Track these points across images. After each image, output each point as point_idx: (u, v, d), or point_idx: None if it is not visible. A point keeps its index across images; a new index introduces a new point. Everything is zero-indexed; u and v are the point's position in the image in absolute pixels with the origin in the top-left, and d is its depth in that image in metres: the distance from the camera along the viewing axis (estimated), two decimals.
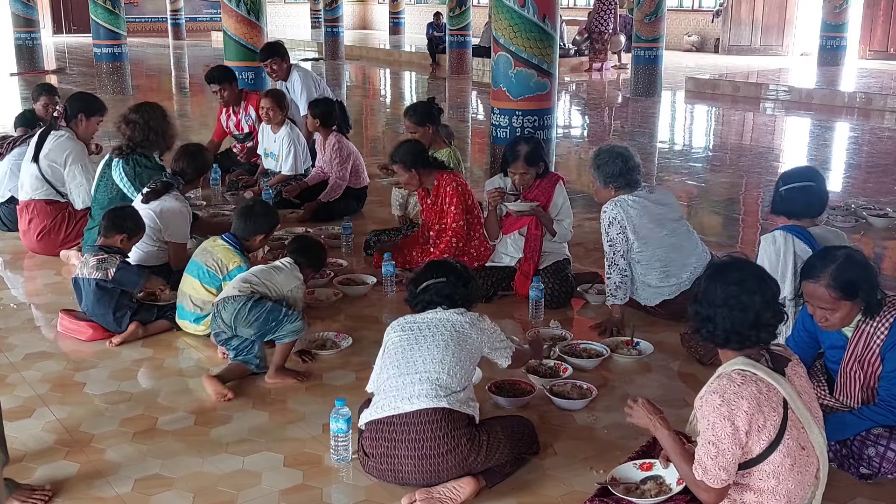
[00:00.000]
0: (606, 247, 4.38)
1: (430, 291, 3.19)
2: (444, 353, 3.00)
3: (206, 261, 4.25)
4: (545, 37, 6.04)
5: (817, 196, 3.75)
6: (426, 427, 2.90)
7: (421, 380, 2.96)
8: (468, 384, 3.07)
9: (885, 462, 2.98)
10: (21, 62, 16.79)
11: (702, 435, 2.41)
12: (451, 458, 2.90)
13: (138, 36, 26.82)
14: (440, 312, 3.15)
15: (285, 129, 6.77)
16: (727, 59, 19.21)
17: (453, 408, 2.93)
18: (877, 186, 7.79)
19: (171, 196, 4.78)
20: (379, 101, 15.09)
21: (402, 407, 2.94)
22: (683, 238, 4.43)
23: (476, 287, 3.37)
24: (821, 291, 2.91)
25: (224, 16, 8.97)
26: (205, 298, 4.23)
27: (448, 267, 3.29)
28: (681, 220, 4.49)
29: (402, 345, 3.07)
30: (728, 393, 2.36)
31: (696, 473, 2.42)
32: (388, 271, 4.90)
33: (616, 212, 4.32)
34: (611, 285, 4.38)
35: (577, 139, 11.02)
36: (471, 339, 3.09)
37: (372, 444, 3.00)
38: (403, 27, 26.12)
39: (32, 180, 5.59)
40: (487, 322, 3.21)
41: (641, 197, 4.35)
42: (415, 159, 5.00)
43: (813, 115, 12.30)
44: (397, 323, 3.18)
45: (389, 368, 3.05)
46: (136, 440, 3.37)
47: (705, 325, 2.51)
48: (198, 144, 5.40)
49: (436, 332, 3.06)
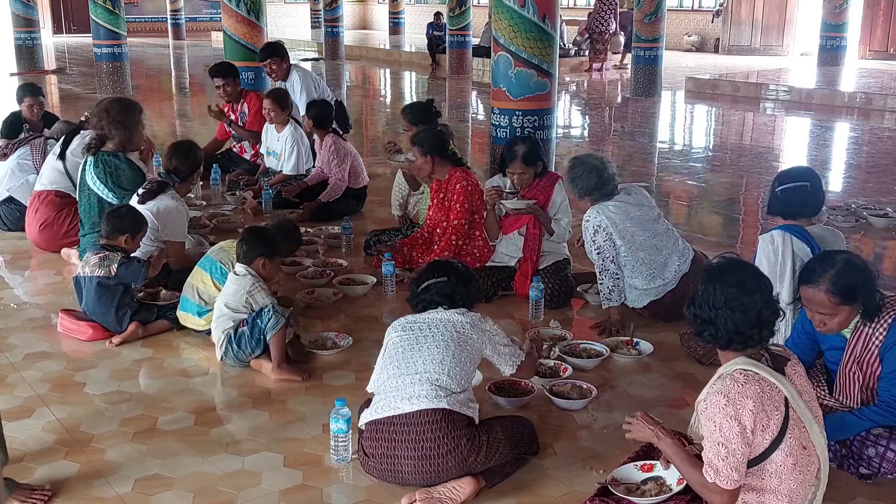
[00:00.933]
0: (595, 255, 4.38)
1: (430, 291, 3.20)
2: (444, 353, 3.00)
3: (222, 258, 4.25)
4: (545, 37, 6.05)
5: (813, 196, 3.75)
6: (426, 427, 2.90)
7: (421, 380, 2.96)
8: (468, 386, 3.07)
9: (884, 462, 2.98)
10: (21, 62, 16.80)
11: (709, 437, 2.40)
12: (451, 459, 2.90)
13: (138, 36, 26.81)
14: (441, 312, 3.15)
15: (289, 128, 6.78)
16: (727, 59, 19.21)
17: (453, 409, 2.93)
18: (877, 186, 7.79)
19: (168, 195, 4.78)
20: (379, 101, 15.09)
21: (401, 407, 2.94)
22: (662, 237, 4.42)
23: (477, 287, 3.37)
24: (820, 297, 2.91)
25: (224, 16, 8.97)
26: (211, 293, 4.22)
27: (449, 267, 3.30)
28: (659, 220, 4.48)
29: (403, 345, 3.07)
30: (732, 393, 2.36)
31: (708, 476, 2.40)
32: (388, 271, 4.90)
33: (599, 219, 4.33)
34: (604, 290, 4.39)
35: (577, 139, 11.02)
36: (471, 340, 3.09)
37: (372, 445, 3.00)
38: (403, 27, 26.11)
39: (54, 173, 5.72)
40: (489, 324, 3.21)
41: (621, 201, 4.36)
42: (433, 146, 5.04)
43: (813, 115, 12.30)
44: (398, 323, 3.19)
45: (389, 368, 3.06)
46: (136, 440, 3.37)
47: (707, 328, 2.51)
48: (189, 141, 5.41)
49: (436, 332, 3.06)
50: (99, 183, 5.07)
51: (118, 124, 5.11)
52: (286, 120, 6.79)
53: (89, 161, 5.12)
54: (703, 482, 2.44)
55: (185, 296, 4.32)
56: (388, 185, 6.49)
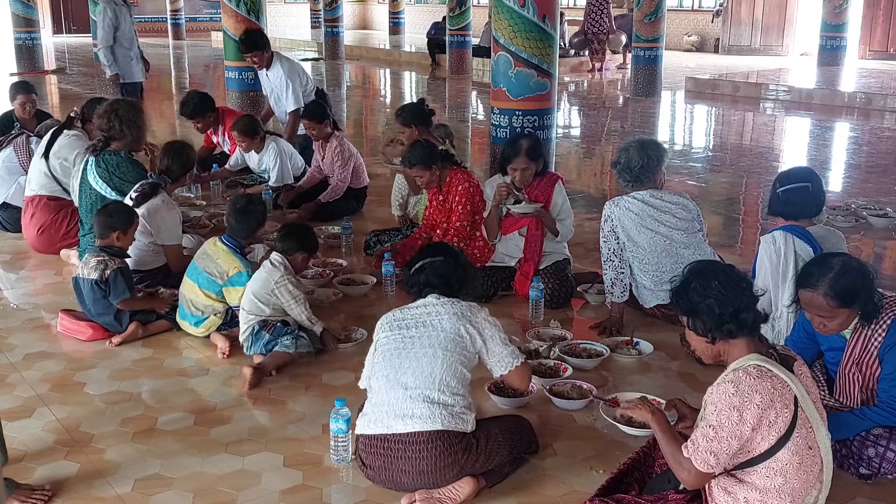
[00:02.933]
0: (601, 243, 4.39)
1: (425, 271, 3.08)
2: (434, 364, 2.90)
3: (207, 266, 4.25)
4: (545, 37, 6.04)
5: (815, 196, 3.75)
6: (422, 447, 2.85)
7: (412, 397, 2.87)
8: (463, 390, 2.96)
9: (884, 462, 2.98)
10: (21, 62, 16.78)
11: (705, 419, 2.42)
12: (450, 471, 2.88)
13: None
14: (432, 306, 3.03)
15: (269, 145, 6.74)
16: (727, 59, 19.19)
17: (448, 428, 2.84)
18: (877, 186, 7.79)
19: (159, 198, 4.79)
20: (379, 101, 15.08)
21: (394, 426, 2.87)
22: (682, 247, 4.28)
23: (474, 271, 3.24)
24: (818, 300, 2.92)
25: (224, 16, 8.97)
26: (205, 303, 4.24)
27: (444, 248, 3.21)
28: (689, 231, 4.31)
29: (391, 348, 2.98)
30: (743, 385, 2.37)
31: (686, 451, 2.44)
32: (388, 271, 4.90)
33: (610, 210, 4.33)
34: (606, 282, 4.39)
35: (577, 139, 11.02)
36: (464, 341, 2.97)
37: (368, 457, 2.96)
38: (403, 27, 26.09)
39: (40, 177, 5.67)
40: (482, 316, 3.03)
41: (644, 200, 4.28)
42: (430, 157, 5.01)
43: (813, 115, 12.30)
44: (386, 320, 3.08)
45: (379, 376, 2.99)
46: (136, 440, 3.37)
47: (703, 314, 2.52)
48: (182, 141, 5.43)
49: (425, 339, 2.94)
50: (101, 182, 5.07)
51: (130, 123, 5.12)
52: (261, 141, 6.76)
53: (91, 161, 5.11)
54: (678, 457, 2.47)
55: (182, 306, 4.34)
56: (388, 185, 6.49)
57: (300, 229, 4.33)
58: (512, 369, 3.07)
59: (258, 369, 3.83)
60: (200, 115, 7.12)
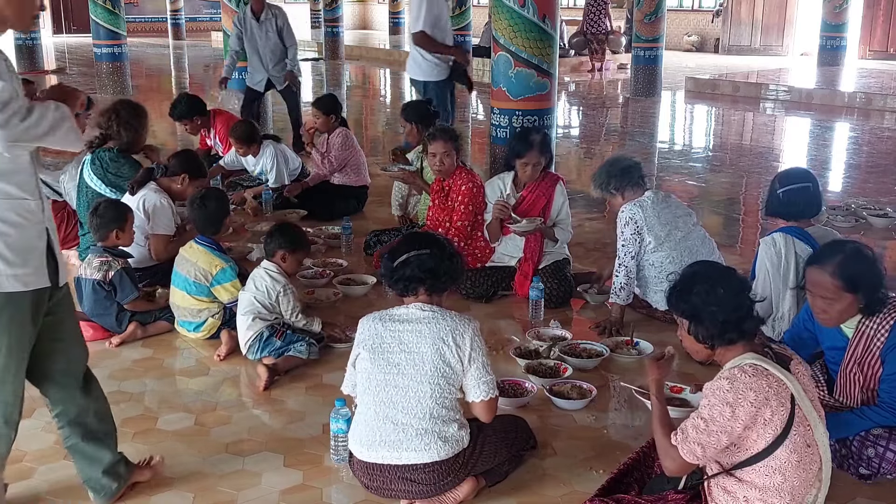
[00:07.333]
0: (619, 246, 4.37)
1: (410, 265, 2.82)
2: (422, 400, 2.75)
3: (189, 271, 4.25)
4: (545, 37, 6.04)
5: (815, 197, 3.76)
6: (417, 475, 2.80)
7: (406, 431, 2.76)
8: (456, 413, 2.84)
9: (884, 462, 2.98)
10: (21, 62, 16.79)
11: (697, 411, 2.45)
12: (450, 485, 2.86)
13: (138, 36, 26.80)
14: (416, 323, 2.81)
15: (265, 149, 6.73)
16: (727, 59, 19.20)
17: (442, 457, 2.77)
18: (877, 186, 7.79)
19: (150, 188, 4.80)
20: (379, 101, 15.08)
21: (388, 457, 2.79)
22: (698, 243, 4.38)
23: (462, 262, 2.98)
24: (825, 279, 2.92)
25: (224, 16, 9.00)
26: (198, 308, 4.25)
27: (430, 238, 2.94)
28: (697, 226, 4.46)
29: (375, 378, 2.80)
30: (738, 382, 2.38)
31: (673, 439, 2.47)
32: None
33: (633, 211, 4.30)
34: (616, 284, 4.38)
35: (577, 139, 11.02)
36: (448, 370, 2.78)
37: (364, 477, 2.90)
38: (403, 27, 26.08)
39: None
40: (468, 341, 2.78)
41: (659, 200, 4.35)
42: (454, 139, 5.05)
43: (813, 115, 12.30)
44: (367, 334, 2.87)
45: (367, 403, 2.84)
46: (136, 440, 3.37)
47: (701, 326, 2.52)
48: (195, 153, 5.54)
49: (410, 370, 2.76)
50: (97, 180, 5.07)
51: (127, 125, 5.13)
52: (258, 146, 6.74)
53: (86, 159, 5.12)
54: (665, 444, 2.50)
55: (176, 314, 4.34)
56: (388, 185, 6.49)
57: (288, 229, 4.27)
58: (485, 399, 2.84)
59: (272, 370, 3.84)
60: (189, 117, 7.15)
